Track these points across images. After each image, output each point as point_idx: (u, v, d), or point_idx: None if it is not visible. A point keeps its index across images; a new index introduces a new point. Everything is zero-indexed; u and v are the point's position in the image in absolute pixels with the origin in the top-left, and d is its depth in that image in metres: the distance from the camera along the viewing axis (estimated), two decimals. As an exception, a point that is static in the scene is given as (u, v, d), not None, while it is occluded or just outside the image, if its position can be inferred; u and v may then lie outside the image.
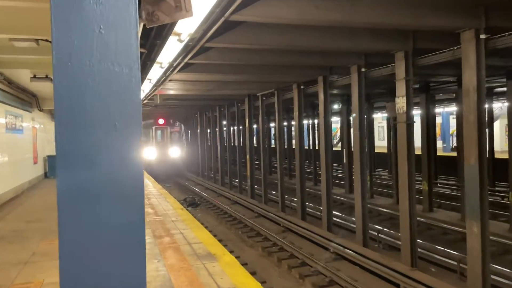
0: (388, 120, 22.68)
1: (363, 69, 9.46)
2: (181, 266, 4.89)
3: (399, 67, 8.02)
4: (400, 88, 8.04)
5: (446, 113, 28.36)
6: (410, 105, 7.95)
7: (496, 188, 16.86)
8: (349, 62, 9.45)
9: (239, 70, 10.10)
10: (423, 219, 12.02)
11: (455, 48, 7.25)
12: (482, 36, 6.40)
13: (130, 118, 1.33)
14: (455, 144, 29.00)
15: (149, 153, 25.02)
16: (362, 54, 9.31)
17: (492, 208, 13.90)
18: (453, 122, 28.69)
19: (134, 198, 1.33)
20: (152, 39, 6.20)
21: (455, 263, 8.20)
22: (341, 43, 7.64)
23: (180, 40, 5.30)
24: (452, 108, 26.60)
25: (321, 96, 11.12)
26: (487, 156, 16.65)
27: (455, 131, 28.95)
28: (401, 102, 8.02)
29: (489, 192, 16.09)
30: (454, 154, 23.63)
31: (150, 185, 13.59)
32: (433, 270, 8.61)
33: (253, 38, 7.05)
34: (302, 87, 12.50)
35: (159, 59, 6.56)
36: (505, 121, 24.79)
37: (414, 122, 8.27)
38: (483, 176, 6.44)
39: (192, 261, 5.12)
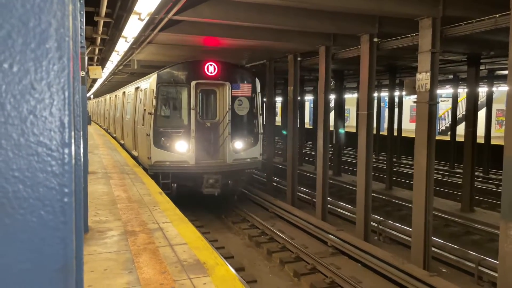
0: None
1: (375, 39, 8.21)
2: (160, 283, 3.64)
3: (424, 37, 6.80)
4: (424, 62, 6.84)
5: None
6: (434, 83, 6.77)
7: (491, 176, 16.22)
8: (360, 30, 8.15)
9: (231, 33, 8.64)
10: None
11: (497, 16, 6.05)
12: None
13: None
14: (442, 128, 28.54)
15: (179, 145, 10.30)
16: (376, 21, 8.04)
17: (486, 197, 13.27)
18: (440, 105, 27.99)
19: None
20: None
21: (471, 264, 7.27)
22: (359, 2, 6.34)
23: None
24: (441, 91, 25.75)
25: (322, 70, 9.83)
26: (483, 141, 16.16)
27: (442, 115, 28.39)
28: (423, 79, 6.84)
29: (482, 180, 15.66)
30: (441, 137, 23.04)
31: (120, 157, 12.04)
32: (443, 270, 7.68)
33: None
34: (298, 58, 11.17)
35: (137, 7, 5.10)
36: (497, 105, 24.30)
37: (439, 103, 7.12)
38: (527, 170, 5.38)
39: (175, 273, 3.87)
